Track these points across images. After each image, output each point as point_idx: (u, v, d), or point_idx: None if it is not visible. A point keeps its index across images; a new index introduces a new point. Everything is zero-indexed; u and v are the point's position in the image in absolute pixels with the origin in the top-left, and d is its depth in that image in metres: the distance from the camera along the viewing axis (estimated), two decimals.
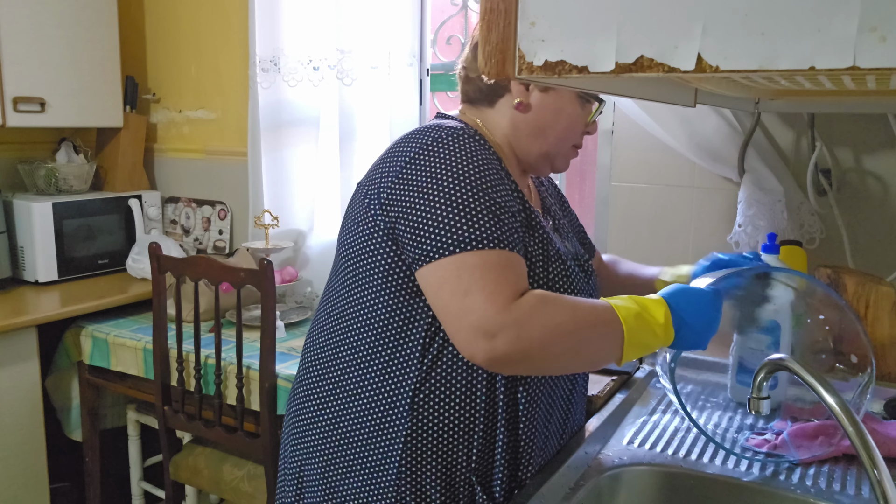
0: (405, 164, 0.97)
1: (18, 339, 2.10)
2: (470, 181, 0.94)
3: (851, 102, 1.38)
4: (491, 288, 0.89)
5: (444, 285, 0.91)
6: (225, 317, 2.21)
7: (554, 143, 1.11)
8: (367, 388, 1.02)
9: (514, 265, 0.93)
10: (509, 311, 0.88)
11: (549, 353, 0.90)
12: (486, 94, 1.11)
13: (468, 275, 0.90)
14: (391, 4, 2.15)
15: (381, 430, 1.01)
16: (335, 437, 1.05)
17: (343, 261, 1.07)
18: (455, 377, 1.00)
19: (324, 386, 1.07)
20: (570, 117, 1.10)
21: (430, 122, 1.08)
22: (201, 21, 2.67)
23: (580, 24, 0.53)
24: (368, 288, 1.02)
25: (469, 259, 0.90)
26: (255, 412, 1.90)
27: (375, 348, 1.02)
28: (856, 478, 1.07)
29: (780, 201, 1.59)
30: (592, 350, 0.94)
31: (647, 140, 1.81)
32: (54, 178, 2.57)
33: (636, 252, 1.89)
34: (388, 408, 1.01)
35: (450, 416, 1.00)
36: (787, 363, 0.86)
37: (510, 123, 1.10)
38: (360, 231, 1.02)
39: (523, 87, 1.08)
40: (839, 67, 0.45)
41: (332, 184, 2.30)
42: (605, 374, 1.50)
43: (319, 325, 1.11)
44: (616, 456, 1.13)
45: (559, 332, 0.90)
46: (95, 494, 2.38)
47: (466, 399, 1.00)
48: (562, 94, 1.08)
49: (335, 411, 1.05)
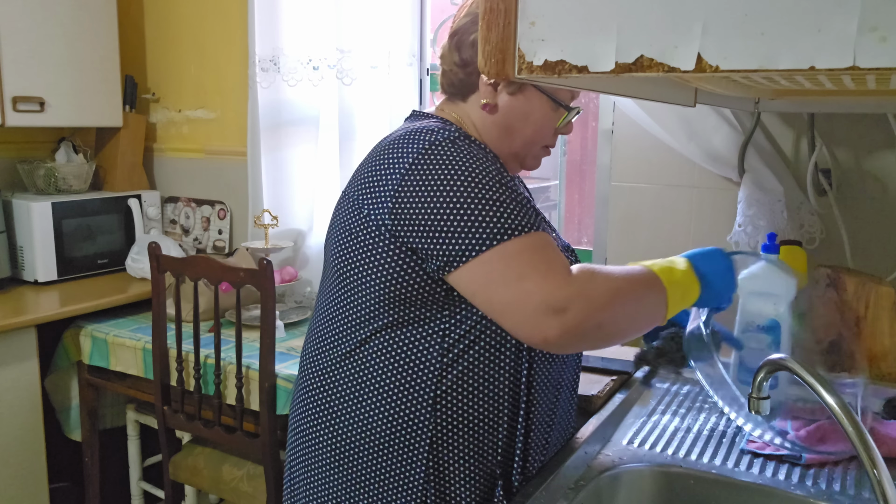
0: (406, 171, 0.95)
1: (18, 339, 2.10)
2: (482, 176, 0.94)
3: (851, 102, 1.38)
4: (544, 268, 0.89)
5: (493, 278, 0.90)
6: (224, 317, 2.21)
7: (521, 146, 1.10)
8: (384, 399, 1.00)
9: (552, 243, 0.93)
10: (571, 284, 0.88)
11: (616, 316, 0.92)
12: (458, 89, 1.10)
13: (517, 261, 0.89)
14: (391, 4, 2.15)
15: (403, 439, 0.99)
16: (353, 454, 1.02)
17: (341, 273, 1.03)
18: (476, 375, 1.00)
19: (336, 401, 1.04)
20: (539, 121, 1.08)
21: (409, 125, 1.06)
22: (201, 21, 2.67)
23: (580, 23, 0.53)
24: (379, 302, 0.99)
25: (511, 247, 0.90)
26: (255, 412, 1.90)
27: (391, 361, 1.00)
28: (856, 478, 1.07)
29: (780, 201, 1.59)
30: (648, 311, 0.96)
31: (647, 140, 1.81)
32: (54, 178, 2.57)
33: (636, 252, 1.89)
34: (410, 417, 0.99)
35: (475, 413, 1.00)
36: (787, 363, 0.86)
37: (480, 122, 1.09)
38: (362, 244, 0.99)
39: (491, 88, 1.06)
40: (839, 67, 0.45)
41: (331, 184, 2.30)
42: (605, 374, 1.50)
43: (322, 340, 1.07)
44: (616, 456, 1.13)
45: (621, 295, 0.92)
46: (95, 494, 2.38)
47: (491, 394, 1.00)
48: (530, 97, 1.06)
49: (352, 428, 1.02)
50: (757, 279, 1.27)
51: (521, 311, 0.88)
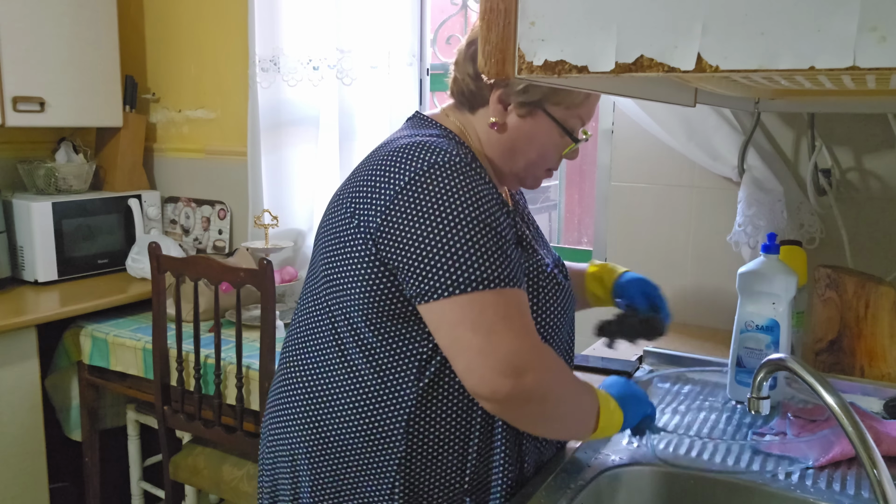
0: (400, 190, 0.93)
1: (18, 339, 2.10)
2: (473, 214, 0.91)
3: (851, 102, 1.38)
4: (518, 327, 0.90)
5: (464, 322, 0.89)
6: (224, 316, 2.21)
7: (523, 167, 1.08)
8: (361, 409, 1.00)
9: (527, 305, 0.94)
10: (540, 352, 0.91)
11: (558, 401, 0.94)
12: (467, 99, 1.07)
13: (491, 313, 0.89)
14: (391, 4, 2.15)
15: (376, 452, 1.00)
16: (326, 457, 1.03)
17: (325, 276, 1.03)
18: (452, 401, 0.99)
19: (312, 403, 1.04)
20: (544, 146, 1.06)
21: (412, 133, 1.04)
22: (201, 21, 2.67)
23: (580, 23, 0.53)
24: (359, 311, 0.98)
25: (488, 298, 0.89)
26: (255, 412, 1.90)
27: (369, 372, 0.99)
28: (856, 478, 1.07)
29: (780, 201, 1.59)
30: (578, 418, 0.99)
31: (647, 140, 1.81)
32: (54, 178, 2.57)
33: (636, 251, 1.89)
34: (384, 431, 0.99)
35: (445, 440, 0.99)
36: (787, 363, 0.86)
37: (485, 137, 1.07)
38: (347, 252, 0.98)
39: (501, 107, 1.04)
40: (839, 67, 0.45)
41: (331, 183, 2.30)
42: (605, 373, 1.50)
43: (302, 340, 1.07)
44: (616, 456, 1.13)
45: (572, 384, 0.96)
46: (95, 494, 2.38)
47: (462, 423, 0.99)
48: (540, 122, 1.03)
49: (326, 431, 1.02)
50: (756, 279, 1.27)
51: (482, 360, 0.88)
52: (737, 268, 1.31)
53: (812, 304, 1.49)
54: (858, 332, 1.41)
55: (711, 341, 1.69)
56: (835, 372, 1.44)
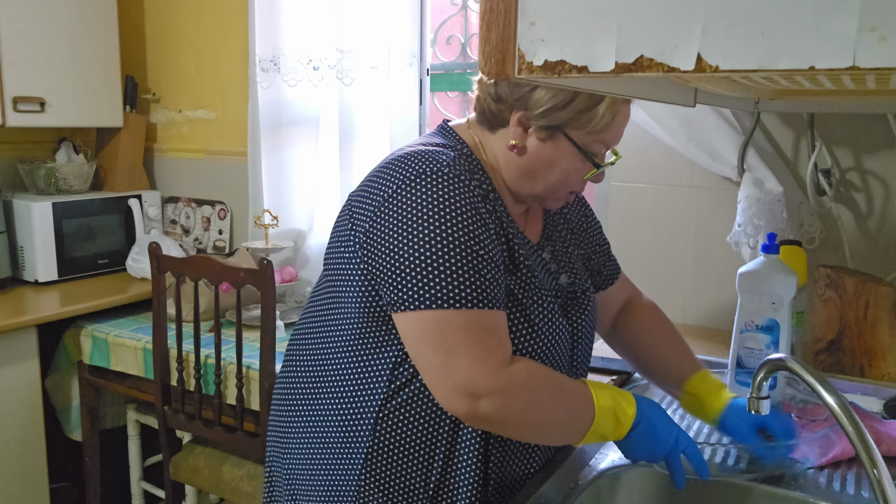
0: (386, 198, 0.94)
1: (18, 339, 2.10)
2: (451, 231, 0.91)
3: (851, 102, 1.38)
4: (478, 351, 0.89)
5: (426, 340, 0.90)
6: (225, 317, 2.21)
7: (543, 190, 1.05)
8: (337, 399, 1.03)
9: (497, 326, 0.93)
10: (497, 378, 0.90)
11: (525, 423, 0.94)
12: (487, 118, 1.05)
13: (452, 334, 0.89)
14: (391, 4, 2.15)
15: (345, 443, 1.02)
16: (304, 440, 1.07)
17: (327, 273, 1.06)
18: (420, 404, 0.99)
19: (300, 386, 1.09)
20: (565, 171, 1.03)
21: (423, 141, 1.04)
22: (201, 21, 2.67)
23: (580, 23, 0.53)
24: (345, 306, 1.02)
25: (453, 318, 0.89)
26: (255, 412, 1.90)
27: (347, 364, 1.02)
28: (856, 478, 1.07)
29: (780, 201, 1.59)
30: (561, 430, 0.98)
31: (647, 140, 1.81)
32: (54, 178, 2.57)
33: (636, 251, 1.89)
34: (354, 423, 1.01)
35: (410, 442, 0.99)
36: (787, 363, 0.86)
37: (504, 158, 1.04)
38: (343, 252, 1.00)
39: (521, 130, 1.01)
40: (839, 67, 0.45)
41: (331, 184, 2.30)
42: (604, 373, 1.50)
43: (304, 329, 1.11)
44: (616, 456, 1.13)
45: (539, 408, 0.93)
46: (95, 494, 2.38)
47: (429, 428, 0.99)
48: (560, 146, 1.00)
49: (307, 415, 1.07)
50: (756, 279, 1.27)
51: (441, 381, 0.90)
52: (737, 268, 1.31)
53: (812, 304, 1.49)
54: (858, 332, 1.41)
55: (711, 341, 1.69)
56: (835, 372, 1.44)
